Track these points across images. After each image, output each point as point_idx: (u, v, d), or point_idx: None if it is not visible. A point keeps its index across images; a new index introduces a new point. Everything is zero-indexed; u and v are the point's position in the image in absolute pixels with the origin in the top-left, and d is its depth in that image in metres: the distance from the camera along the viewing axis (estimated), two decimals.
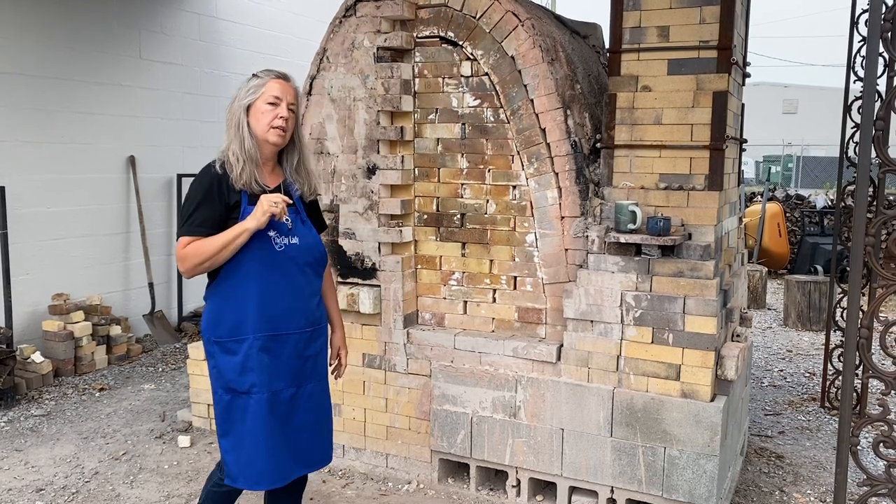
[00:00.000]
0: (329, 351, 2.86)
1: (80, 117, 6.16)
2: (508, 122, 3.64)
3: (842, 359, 4.65)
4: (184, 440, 4.41)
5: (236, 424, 2.56)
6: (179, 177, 7.01)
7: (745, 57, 3.93)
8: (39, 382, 5.49)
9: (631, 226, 3.30)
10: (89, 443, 4.50)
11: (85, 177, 6.24)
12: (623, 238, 3.30)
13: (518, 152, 3.64)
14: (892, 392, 2.92)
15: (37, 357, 5.56)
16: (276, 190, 2.61)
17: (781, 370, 6.20)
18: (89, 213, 6.30)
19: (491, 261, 3.77)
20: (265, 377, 2.54)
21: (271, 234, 2.53)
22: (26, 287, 5.77)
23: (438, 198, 3.86)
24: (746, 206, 11.41)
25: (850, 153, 4.75)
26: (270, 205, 2.44)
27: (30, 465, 4.18)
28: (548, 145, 3.56)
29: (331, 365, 2.89)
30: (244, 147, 2.53)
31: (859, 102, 3.02)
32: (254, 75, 2.60)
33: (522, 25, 3.54)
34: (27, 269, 5.81)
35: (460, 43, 3.68)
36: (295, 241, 2.58)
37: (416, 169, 3.89)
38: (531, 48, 3.52)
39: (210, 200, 2.49)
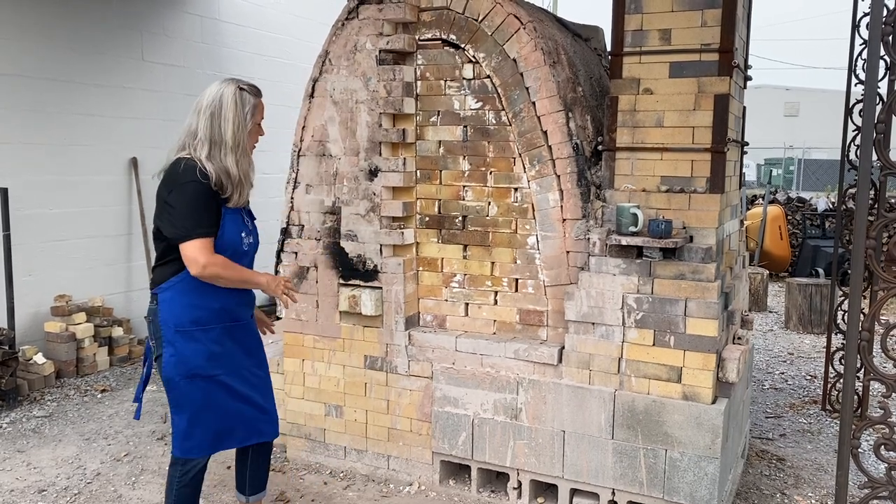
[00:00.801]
0: None
1: (81, 119, 6.18)
2: (510, 125, 3.65)
3: (843, 361, 4.67)
4: None
5: (196, 404, 2.76)
6: None
7: (746, 60, 3.93)
8: (41, 384, 5.50)
9: (632, 228, 3.30)
10: (91, 444, 4.50)
11: (87, 178, 6.25)
12: (624, 240, 3.30)
13: (520, 154, 3.64)
14: (894, 395, 2.92)
15: (39, 358, 5.57)
16: None
17: (782, 373, 6.20)
18: (91, 214, 6.31)
19: (492, 263, 3.78)
20: (232, 361, 2.81)
21: (242, 234, 2.79)
22: (28, 288, 5.78)
23: (440, 200, 3.87)
24: (748, 209, 11.41)
25: (852, 156, 4.75)
26: (287, 294, 2.85)
27: (32, 466, 4.18)
28: (549, 148, 3.56)
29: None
30: (252, 168, 2.80)
31: (860, 105, 3.03)
32: (240, 89, 2.76)
33: (524, 28, 3.54)
34: (29, 270, 5.82)
35: (462, 45, 3.69)
36: (251, 239, 2.88)
37: (418, 171, 3.89)
38: (533, 51, 3.53)
39: (212, 204, 2.70)
